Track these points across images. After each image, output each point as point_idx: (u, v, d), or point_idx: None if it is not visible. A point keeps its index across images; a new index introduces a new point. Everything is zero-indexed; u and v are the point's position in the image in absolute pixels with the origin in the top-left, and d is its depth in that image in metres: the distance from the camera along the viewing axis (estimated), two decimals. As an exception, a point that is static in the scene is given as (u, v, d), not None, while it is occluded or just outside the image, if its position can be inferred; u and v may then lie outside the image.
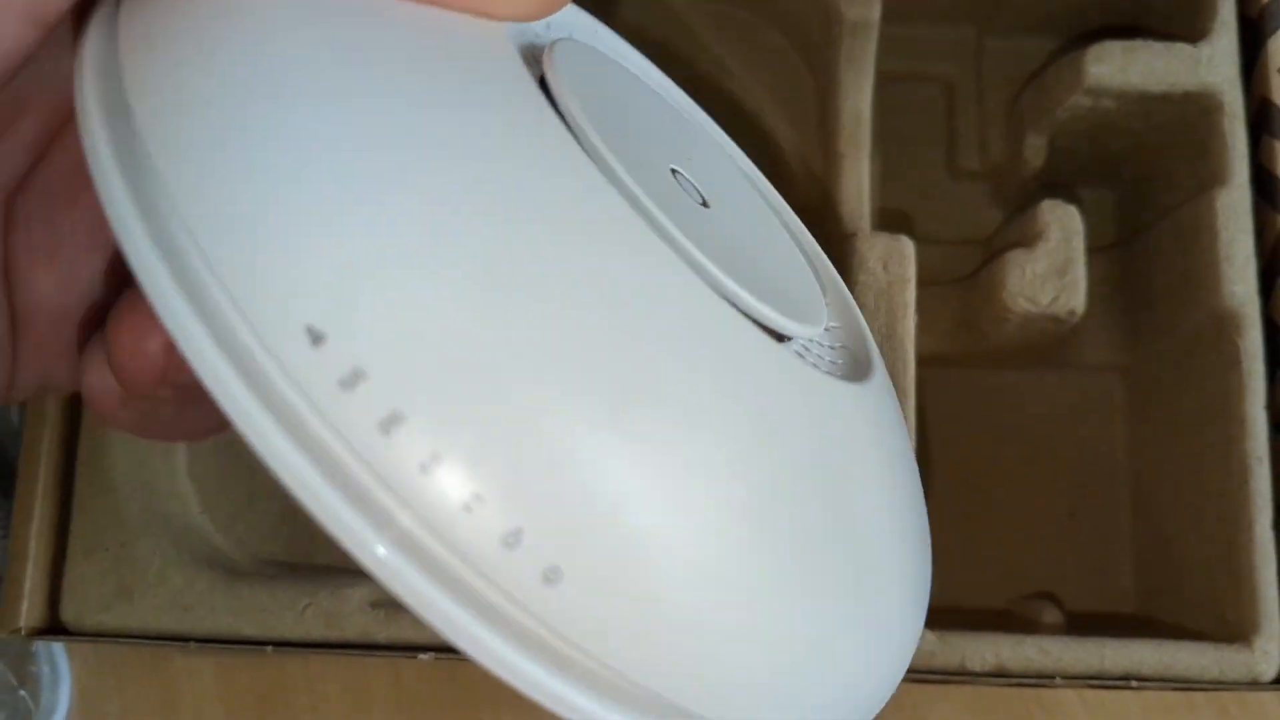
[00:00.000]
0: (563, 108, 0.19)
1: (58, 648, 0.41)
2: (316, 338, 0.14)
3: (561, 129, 0.18)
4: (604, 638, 0.15)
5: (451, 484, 0.14)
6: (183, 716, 0.41)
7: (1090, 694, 0.44)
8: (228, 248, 0.14)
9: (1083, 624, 0.36)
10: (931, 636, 0.33)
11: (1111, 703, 0.45)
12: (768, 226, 0.25)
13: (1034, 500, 0.42)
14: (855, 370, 0.24)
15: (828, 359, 0.23)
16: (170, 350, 0.18)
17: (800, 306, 0.21)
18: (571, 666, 0.15)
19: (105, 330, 0.18)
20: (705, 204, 0.22)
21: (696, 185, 0.22)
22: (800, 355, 0.21)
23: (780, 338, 0.20)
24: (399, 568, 0.14)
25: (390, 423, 0.14)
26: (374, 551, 0.14)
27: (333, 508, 0.14)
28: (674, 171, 0.21)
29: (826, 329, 0.24)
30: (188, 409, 0.20)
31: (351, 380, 0.14)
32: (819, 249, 0.27)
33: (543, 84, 0.20)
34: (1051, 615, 0.37)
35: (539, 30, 0.23)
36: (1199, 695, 0.44)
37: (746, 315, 0.19)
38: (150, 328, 0.17)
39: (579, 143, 0.19)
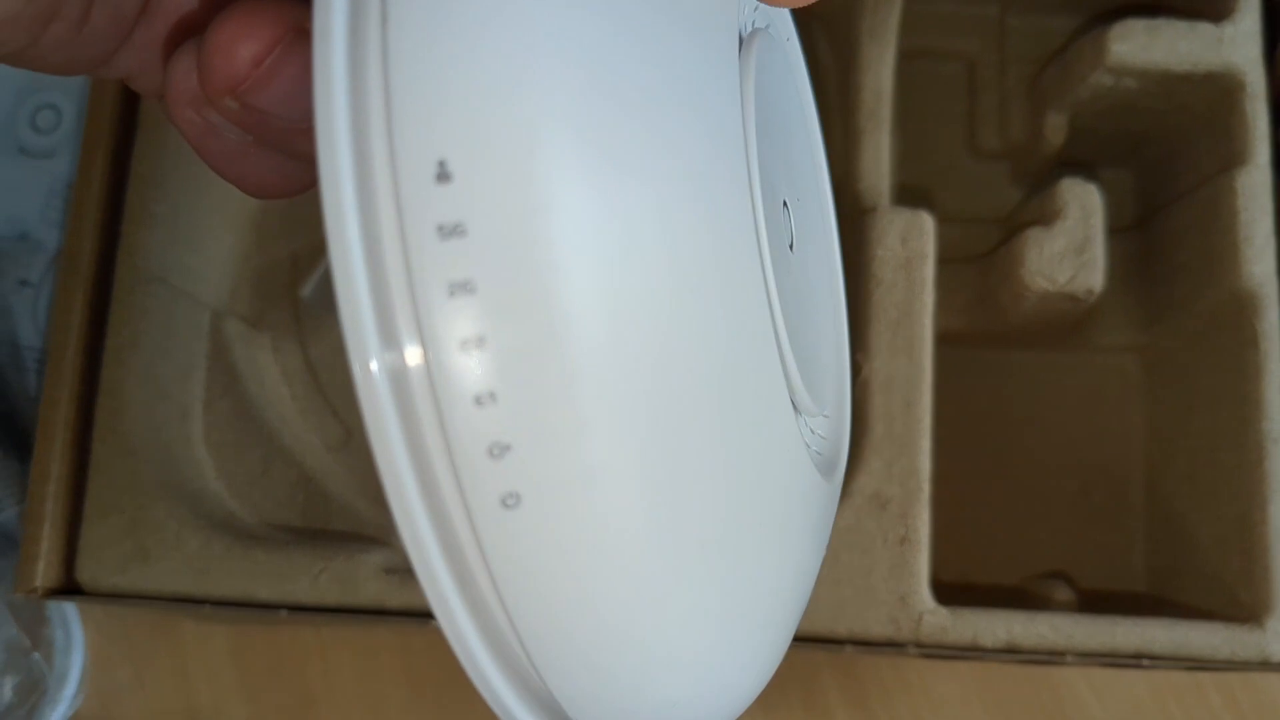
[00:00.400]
0: (743, 102, 0.19)
1: (71, 613, 0.41)
2: (442, 175, 0.14)
3: (736, 117, 0.19)
4: (517, 581, 0.15)
5: (477, 369, 0.14)
6: (195, 683, 0.42)
7: (1098, 677, 0.45)
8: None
9: (1095, 602, 0.36)
10: (944, 612, 0.33)
11: (1119, 687, 0.45)
12: (826, 290, 0.25)
13: (1048, 479, 0.42)
14: (826, 467, 0.24)
15: (814, 446, 0.23)
16: (256, 64, 0.18)
17: (817, 384, 0.22)
18: (482, 606, 0.15)
19: (208, 29, 0.18)
20: (792, 246, 0.21)
21: (793, 223, 0.22)
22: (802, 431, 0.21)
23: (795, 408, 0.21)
24: (380, 397, 0.14)
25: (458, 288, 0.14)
26: (367, 360, 0.14)
27: (356, 297, 0.14)
28: (784, 204, 0.21)
29: (824, 415, 0.24)
30: (253, 150, 0.20)
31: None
32: (845, 325, 0.28)
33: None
34: (1063, 593, 0.37)
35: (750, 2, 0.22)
36: (1207, 680, 0.44)
37: (783, 373, 0.19)
38: (247, 35, 0.17)
39: (743, 139, 0.19)
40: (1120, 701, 0.45)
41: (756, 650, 0.19)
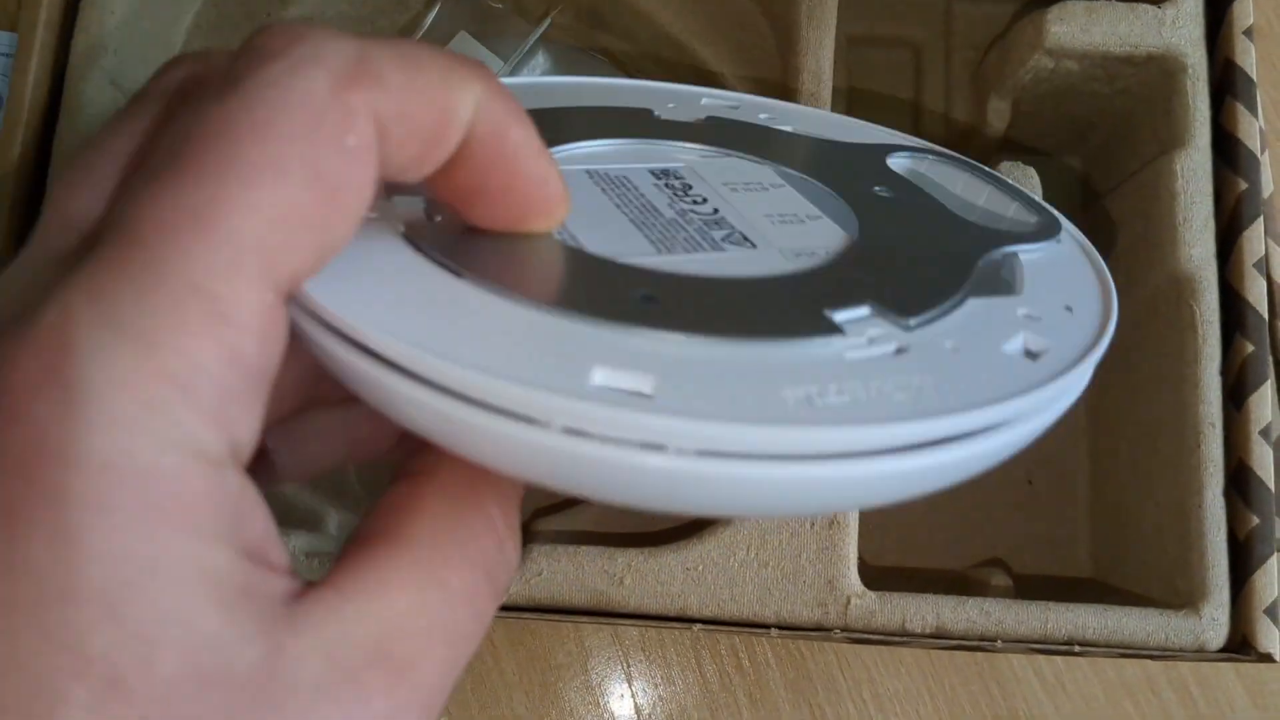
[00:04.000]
0: None
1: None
2: None
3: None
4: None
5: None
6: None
7: (1050, 672, 0.44)
8: None
9: (1038, 590, 0.35)
10: (872, 596, 0.33)
11: (1070, 683, 0.44)
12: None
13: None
14: None
15: None
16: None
17: None
18: None
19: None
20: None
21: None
22: None
23: None
24: None
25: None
26: None
27: None
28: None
29: None
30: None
31: None
32: None
33: None
34: (1000, 580, 0.36)
35: None
36: (1160, 676, 0.44)
37: None
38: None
39: None
40: (1073, 699, 0.44)
41: None
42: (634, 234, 0.24)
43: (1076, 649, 0.32)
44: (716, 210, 0.26)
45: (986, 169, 0.30)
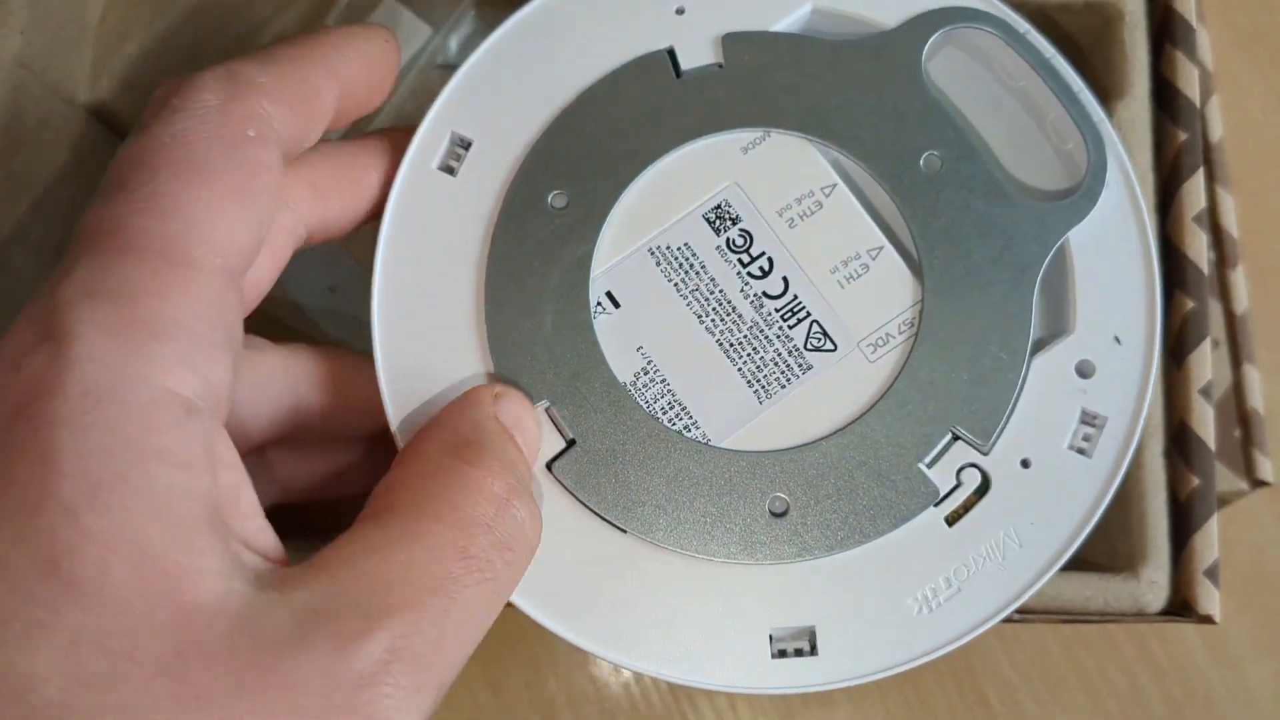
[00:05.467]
0: None
1: None
2: None
3: None
4: None
5: None
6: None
7: (1007, 630, 0.44)
8: None
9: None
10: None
11: (1028, 639, 0.44)
12: None
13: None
14: None
15: None
16: None
17: None
18: None
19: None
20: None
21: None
22: None
23: None
24: None
25: None
26: None
27: None
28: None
29: None
30: None
31: None
32: None
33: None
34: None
35: None
36: (1117, 629, 0.44)
37: None
38: None
39: None
40: (1030, 654, 0.44)
41: None
42: (730, 374, 0.27)
43: (1015, 616, 0.32)
44: (786, 285, 0.27)
45: (1045, 51, 0.29)
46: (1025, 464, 0.27)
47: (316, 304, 0.37)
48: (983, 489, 0.27)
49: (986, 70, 0.29)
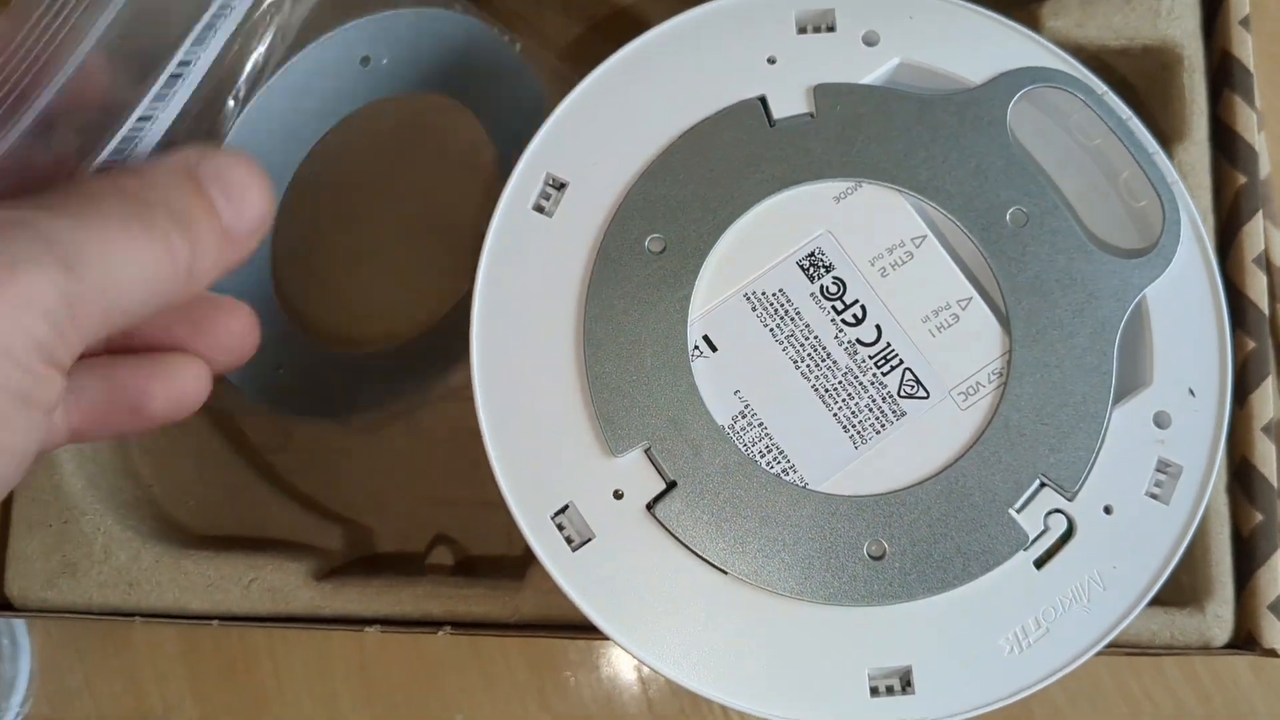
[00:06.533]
0: None
1: (17, 620, 0.41)
2: None
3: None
4: None
5: None
6: (145, 685, 0.41)
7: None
8: None
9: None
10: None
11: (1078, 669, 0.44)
12: None
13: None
14: None
15: None
16: None
17: None
18: None
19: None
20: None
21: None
22: None
23: None
24: None
25: None
26: None
27: None
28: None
29: None
30: None
31: None
32: None
33: None
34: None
35: None
36: (1166, 657, 0.44)
37: None
38: None
39: None
40: (1079, 679, 0.45)
41: None
42: (826, 419, 0.28)
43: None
44: (879, 332, 0.28)
45: (1122, 113, 0.30)
46: (1108, 510, 0.28)
47: (265, 384, 0.36)
48: (1068, 534, 0.28)
49: (1059, 127, 0.30)
